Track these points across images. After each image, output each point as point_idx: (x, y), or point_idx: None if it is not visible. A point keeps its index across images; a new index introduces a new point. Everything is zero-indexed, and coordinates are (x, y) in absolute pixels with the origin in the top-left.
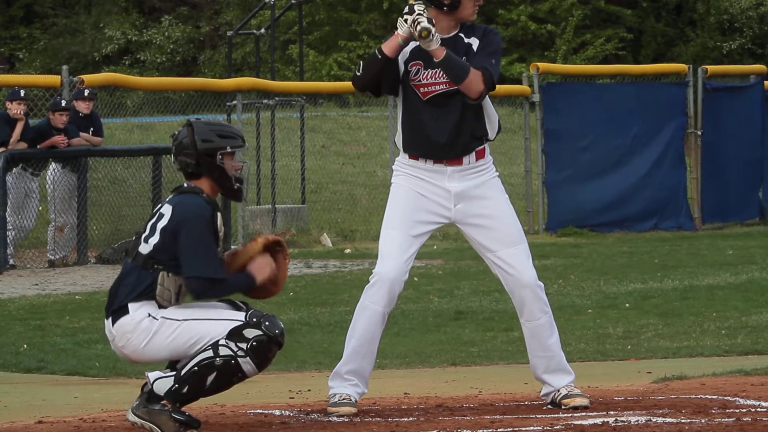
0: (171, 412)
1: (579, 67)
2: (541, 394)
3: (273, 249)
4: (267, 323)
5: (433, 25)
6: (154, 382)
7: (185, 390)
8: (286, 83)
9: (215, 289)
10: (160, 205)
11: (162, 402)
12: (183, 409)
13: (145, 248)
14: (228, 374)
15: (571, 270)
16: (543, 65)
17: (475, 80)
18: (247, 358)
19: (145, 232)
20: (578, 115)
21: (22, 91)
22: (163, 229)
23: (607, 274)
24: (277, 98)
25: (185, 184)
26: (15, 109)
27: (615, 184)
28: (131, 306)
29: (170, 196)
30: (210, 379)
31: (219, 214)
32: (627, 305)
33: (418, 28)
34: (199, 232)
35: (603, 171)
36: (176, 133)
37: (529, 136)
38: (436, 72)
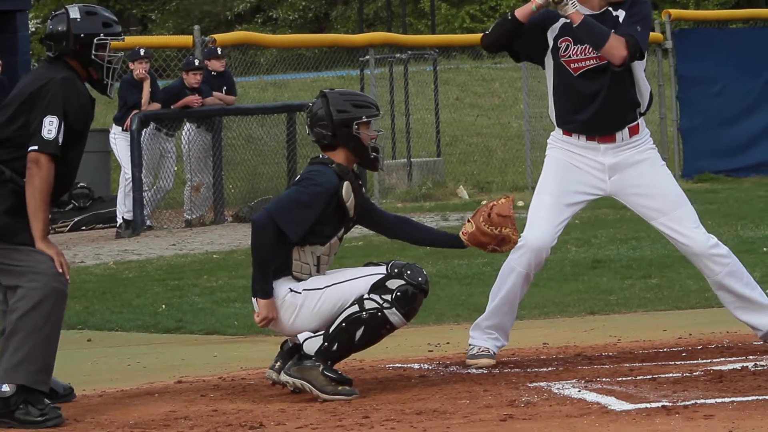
0: (323, 369)
1: (711, 13)
2: (760, 336)
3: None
4: (409, 272)
5: None
6: (303, 342)
7: (335, 347)
8: (419, 36)
9: (269, 233)
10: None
11: (313, 359)
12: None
13: None
14: (376, 327)
15: (707, 215)
16: (675, 11)
17: (616, 45)
18: (393, 308)
19: None
20: (711, 60)
21: (141, 50)
22: None
23: (744, 218)
24: (409, 52)
25: (320, 155)
26: (138, 69)
27: (749, 129)
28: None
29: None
30: (359, 333)
31: (347, 183)
32: (765, 249)
33: None
34: (301, 192)
35: (737, 116)
36: (310, 104)
37: (663, 83)
38: (585, 47)
